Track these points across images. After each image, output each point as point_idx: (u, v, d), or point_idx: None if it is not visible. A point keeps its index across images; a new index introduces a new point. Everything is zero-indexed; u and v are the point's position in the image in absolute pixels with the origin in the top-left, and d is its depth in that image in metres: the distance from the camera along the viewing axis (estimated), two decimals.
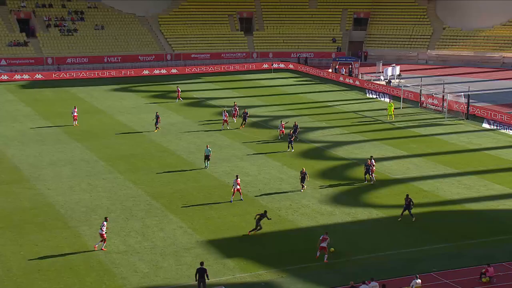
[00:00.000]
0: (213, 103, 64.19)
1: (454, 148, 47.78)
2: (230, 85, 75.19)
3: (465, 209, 35.79)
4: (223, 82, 77.14)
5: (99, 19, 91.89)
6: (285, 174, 40.79)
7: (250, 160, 43.90)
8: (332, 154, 45.91)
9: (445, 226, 33.38)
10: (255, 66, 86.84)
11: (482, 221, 34.10)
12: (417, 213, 34.89)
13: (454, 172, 41.77)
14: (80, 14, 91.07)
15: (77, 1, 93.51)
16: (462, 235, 32.31)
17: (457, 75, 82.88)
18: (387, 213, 34.94)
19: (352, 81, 76.29)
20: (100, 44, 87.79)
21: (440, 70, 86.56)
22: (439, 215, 35.04)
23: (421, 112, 60.71)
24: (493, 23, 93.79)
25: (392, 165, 43.30)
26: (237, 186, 36.00)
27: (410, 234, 32.46)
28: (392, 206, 35.78)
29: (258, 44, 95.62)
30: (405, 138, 50.86)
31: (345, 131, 52.62)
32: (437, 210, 35.63)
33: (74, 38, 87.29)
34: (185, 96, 68.00)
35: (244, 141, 49.02)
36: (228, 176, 39.52)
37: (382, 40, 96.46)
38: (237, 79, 79.96)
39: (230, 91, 70.90)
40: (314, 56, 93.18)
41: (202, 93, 69.14)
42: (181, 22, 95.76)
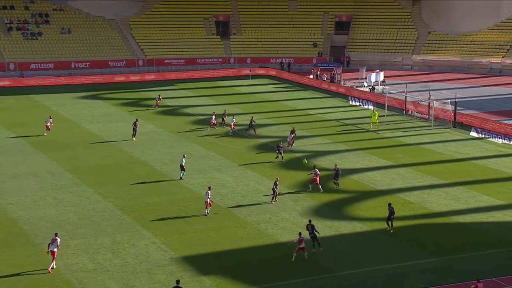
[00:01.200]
0: (188, 111, 64.08)
1: (441, 158, 48.26)
2: (206, 92, 75.15)
3: (453, 221, 36.12)
4: (199, 89, 77.09)
5: (66, 22, 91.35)
6: (264, 186, 40.79)
7: (227, 171, 43.86)
8: (316, 164, 46.06)
9: (433, 240, 33.64)
10: (233, 72, 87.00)
11: (470, 234, 34.42)
12: (403, 226, 35.10)
13: (441, 183, 42.16)
14: (45, 17, 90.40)
15: (42, 2, 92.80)
16: (450, 249, 32.58)
17: (443, 81, 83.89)
18: (371, 226, 35.10)
19: (334, 88, 76.77)
20: (67, 49, 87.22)
21: (426, 76, 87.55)
22: (426, 228, 35.30)
23: (407, 120, 61.27)
24: (480, 27, 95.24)
25: (376, 175, 43.58)
26: (207, 198, 36.13)
27: (396, 248, 32.64)
28: (377, 218, 35.95)
29: (236, 49, 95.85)
30: (390, 147, 51.25)
31: (327, 140, 52.86)
32: (424, 223, 35.89)
33: (38, 42, 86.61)
34: (159, 103, 67.80)
35: (221, 151, 48.97)
36: (204, 188, 39.41)
37: (365, 45, 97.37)
38: (214, 85, 79.97)
39: (206, 99, 70.86)
40: (294, 62, 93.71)
41: (176, 101, 69.00)
42: (154, 26, 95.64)
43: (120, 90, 74.96)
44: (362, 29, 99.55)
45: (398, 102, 65.82)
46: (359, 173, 43.98)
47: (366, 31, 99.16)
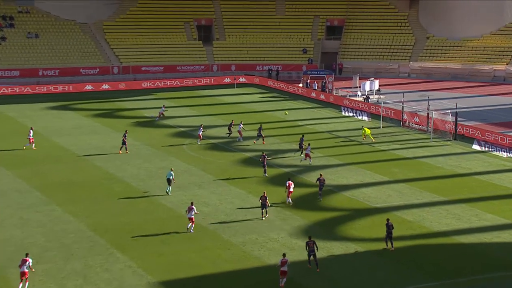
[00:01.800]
0: (167, 122, 64.05)
1: (441, 173, 48.55)
2: (186, 102, 75.18)
3: (454, 242, 36.29)
4: (179, 98, 77.09)
5: (32, 25, 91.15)
6: (250, 204, 40.79)
7: (210, 188, 43.82)
8: (303, 180, 46.13)
9: (432, 261, 33.76)
10: (216, 81, 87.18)
11: (473, 256, 34.57)
12: (400, 246, 35.20)
13: (441, 200, 42.38)
14: (9, 20, 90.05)
15: (6, 4, 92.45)
16: (451, 271, 32.70)
17: (443, 90, 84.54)
18: (366, 246, 35.16)
19: (325, 97, 77.13)
20: (34, 55, 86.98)
21: (424, 85, 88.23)
22: (425, 248, 35.43)
23: (404, 132, 61.64)
24: (482, 32, 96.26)
25: (371, 192, 43.73)
26: (191, 215, 36.31)
27: (393, 270, 32.72)
28: (372, 239, 36.04)
29: (219, 56, 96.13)
30: (385, 161, 51.50)
31: (319, 154, 53.00)
32: (423, 244, 36.02)
33: (2, 48, 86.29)
34: (135, 115, 67.78)
35: (203, 165, 48.95)
36: (185, 206, 39.32)
37: (359, 51, 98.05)
38: (195, 95, 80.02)
39: (187, 109, 70.88)
40: (283, 69, 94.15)
41: (154, 112, 68.96)
42: (130, 30, 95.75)
43: (92, 100, 74.78)
44: (355, 34, 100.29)
45: (395, 112, 66.25)
46: (352, 189, 44.11)
47: (360, 36, 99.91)
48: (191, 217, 36.66)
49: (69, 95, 77.76)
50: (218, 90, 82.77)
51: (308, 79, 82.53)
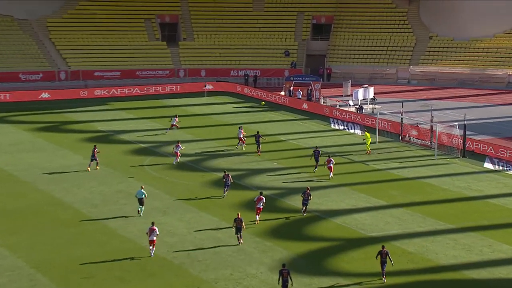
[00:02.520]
0: (125, 137, 63.85)
1: (447, 196, 48.83)
2: (148, 113, 74.99)
3: (464, 277, 36.41)
4: (139, 109, 76.94)
5: None
6: (224, 233, 40.69)
7: (176, 214, 43.65)
8: (286, 204, 46.15)
9: None
10: (182, 88, 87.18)
11: None
12: (401, 283, 35.27)
13: (448, 228, 42.59)
14: None
15: None
16: None
17: (449, 98, 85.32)
18: (359, 283, 35.22)
19: (311, 108, 77.40)
20: None
21: (427, 92, 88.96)
22: (430, 285, 35.49)
23: (403, 148, 61.99)
24: (495, 31, 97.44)
25: (366, 218, 43.84)
26: (153, 237, 36.84)
27: None
28: (367, 274, 36.10)
29: (186, 59, 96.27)
30: (382, 182, 51.71)
31: (304, 173, 53.07)
32: (427, 279, 36.10)
33: None
34: (86, 128, 67.49)
35: (169, 188, 48.77)
36: (146, 237, 39.11)
37: (350, 54, 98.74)
38: (158, 105, 79.86)
39: (148, 122, 70.73)
40: (261, 74, 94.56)
41: (109, 125, 68.70)
42: (80, 29, 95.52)
43: (34, 111, 74.30)
44: (346, 34, 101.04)
45: (392, 125, 66.66)
46: (344, 215, 44.20)
47: (351, 36, 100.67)
48: (152, 239, 37.17)
49: (5, 105, 77.14)
50: (185, 100, 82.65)
51: (291, 86, 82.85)
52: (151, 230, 37.39)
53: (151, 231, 37.38)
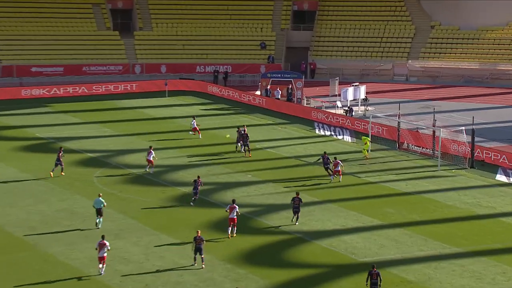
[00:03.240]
0: (70, 146, 63.41)
1: (453, 214, 48.90)
2: (97, 117, 74.60)
3: None
4: (86, 112, 76.55)
5: None
6: (189, 259, 40.41)
7: (131, 237, 43.33)
8: (263, 224, 45.99)
9: None
10: (139, 87, 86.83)
11: None
12: None
13: (454, 252, 42.59)
14: None
15: None
16: None
17: (454, 99, 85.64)
18: None
19: (292, 110, 77.31)
20: None
21: (428, 92, 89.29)
22: None
23: (401, 157, 62.06)
24: (508, 19, 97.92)
25: (357, 241, 43.76)
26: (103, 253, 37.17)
27: None
28: None
29: (143, 52, 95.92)
30: (376, 198, 51.71)
31: (284, 188, 52.97)
32: None
33: None
34: (21, 135, 66.93)
35: (122, 205, 48.42)
36: (96, 264, 38.75)
37: (338, 46, 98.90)
38: (110, 107, 79.49)
39: (98, 127, 70.35)
40: (233, 71, 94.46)
41: (49, 131, 68.25)
42: (13, 15, 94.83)
43: None
44: (332, 23, 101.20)
45: (388, 130, 66.72)
46: (331, 237, 44.10)
47: (339, 26, 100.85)
48: (102, 256, 37.78)
49: None
50: (143, 101, 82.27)
51: (268, 84, 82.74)
52: (101, 245, 37.73)
53: (101, 246, 37.73)
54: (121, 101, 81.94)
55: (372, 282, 35.75)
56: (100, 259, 37.89)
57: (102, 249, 37.79)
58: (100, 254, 37.85)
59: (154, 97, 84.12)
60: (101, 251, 37.80)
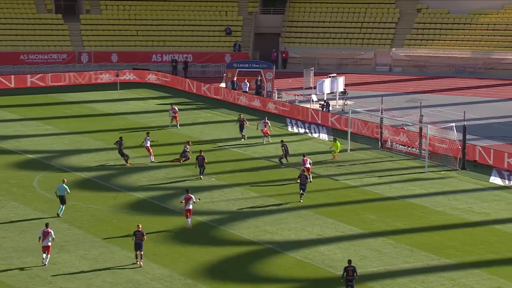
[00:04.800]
0: (5, 146, 63.29)
1: (442, 221, 49.11)
2: (38, 113, 74.26)
3: None
4: (25, 107, 76.20)
5: None
6: (144, 274, 40.33)
7: (78, 250, 43.13)
8: (229, 234, 46.00)
9: None
10: (86, 78, 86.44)
11: None
12: None
13: (444, 264, 42.75)
14: None
15: None
16: None
17: (443, 91, 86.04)
18: None
19: (261, 104, 77.34)
20: None
21: (415, 83, 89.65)
22: None
23: (384, 157, 62.27)
24: (504, 2, 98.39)
25: (335, 252, 43.84)
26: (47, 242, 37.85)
27: None
28: None
29: (91, 38, 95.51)
30: (357, 203, 51.86)
31: (251, 192, 53.01)
32: None
33: None
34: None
35: (68, 214, 48.17)
36: (38, 281, 38.53)
37: (313, 32, 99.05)
38: (52, 101, 79.06)
39: (39, 124, 70.09)
40: (194, 60, 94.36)
41: None
42: None
43: None
44: (306, 6, 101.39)
45: (369, 127, 66.88)
46: (306, 248, 44.15)
47: (314, 9, 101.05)
48: (47, 245, 38.62)
49: None
50: (90, 94, 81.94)
51: (234, 76, 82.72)
52: (45, 234, 38.16)
53: (45, 234, 38.16)
54: (66, 95, 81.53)
55: (347, 278, 36.84)
56: (44, 248, 38.30)
57: (46, 238, 38.07)
58: (44, 243, 38.16)
59: (103, 90, 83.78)
60: (45, 240, 38.05)
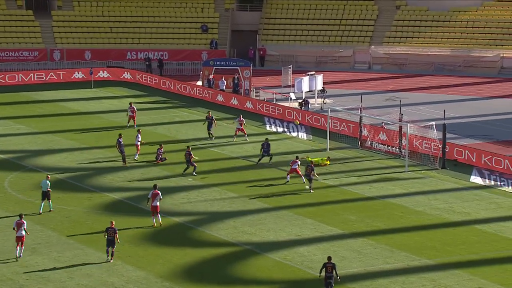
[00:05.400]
0: None
1: (422, 221, 49.27)
2: (8, 111, 74.17)
3: None
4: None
5: None
6: (120, 276, 40.33)
7: (51, 252, 43.00)
8: (206, 235, 46.02)
9: None
10: (58, 77, 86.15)
11: None
12: None
13: (424, 265, 42.90)
14: None
15: None
16: None
17: (422, 89, 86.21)
18: None
19: (239, 103, 77.37)
20: None
21: (394, 81, 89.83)
22: None
23: (363, 156, 62.46)
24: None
25: (314, 253, 43.92)
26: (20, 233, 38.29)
27: None
28: None
29: (63, 35, 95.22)
30: (336, 203, 51.97)
31: (230, 192, 53.05)
32: None
33: None
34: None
35: (40, 216, 48.11)
36: None
37: (291, 29, 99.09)
38: (23, 99, 78.83)
39: (11, 123, 70.06)
40: (170, 58, 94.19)
41: None
42: None
43: None
44: (284, 2, 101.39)
45: (348, 126, 67.07)
46: (284, 249, 44.20)
47: (292, 6, 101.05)
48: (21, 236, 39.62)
49: None
50: (63, 93, 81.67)
51: (211, 73, 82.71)
52: (19, 225, 38.63)
53: (19, 225, 38.65)
54: (38, 93, 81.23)
55: (326, 275, 37.18)
56: (18, 239, 38.78)
57: (19, 229, 38.46)
58: (18, 234, 38.56)
59: (77, 88, 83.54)
60: (18, 230, 38.38)
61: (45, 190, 47.72)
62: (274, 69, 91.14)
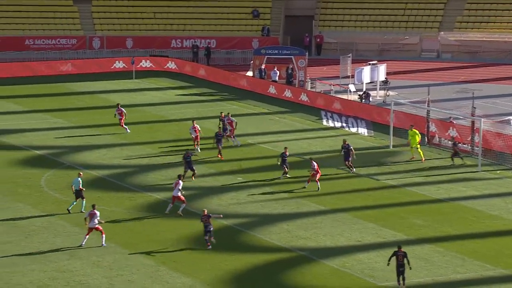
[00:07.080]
0: (10, 140, 63.79)
1: (497, 226, 48.91)
2: (45, 104, 74.70)
3: None
4: (31, 98, 76.78)
5: None
6: (163, 283, 40.44)
7: (90, 257, 43.32)
8: (257, 239, 46.10)
9: None
10: (99, 66, 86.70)
11: None
12: None
13: (500, 275, 42.41)
14: None
15: None
16: None
17: (499, 81, 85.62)
18: None
19: (293, 95, 77.32)
20: None
21: (466, 71, 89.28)
22: None
23: (431, 154, 62.17)
24: None
25: (376, 260, 43.78)
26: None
27: None
28: None
29: (103, 21, 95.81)
30: (400, 206, 51.87)
31: (281, 193, 53.07)
32: None
33: None
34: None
35: (78, 216, 48.32)
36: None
37: (350, 15, 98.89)
38: (61, 91, 79.41)
39: (47, 117, 70.57)
40: (218, 46, 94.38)
41: None
42: None
43: None
44: None
45: (414, 121, 66.80)
46: (343, 256, 44.19)
47: None
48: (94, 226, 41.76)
49: None
50: (103, 83, 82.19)
51: (262, 63, 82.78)
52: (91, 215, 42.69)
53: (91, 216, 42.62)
54: (76, 84, 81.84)
55: (399, 263, 37.89)
56: (90, 230, 42.28)
57: (92, 219, 41.62)
58: (91, 225, 41.65)
59: (117, 79, 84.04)
60: (91, 221, 41.52)
61: (77, 189, 48.11)
62: (332, 58, 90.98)
